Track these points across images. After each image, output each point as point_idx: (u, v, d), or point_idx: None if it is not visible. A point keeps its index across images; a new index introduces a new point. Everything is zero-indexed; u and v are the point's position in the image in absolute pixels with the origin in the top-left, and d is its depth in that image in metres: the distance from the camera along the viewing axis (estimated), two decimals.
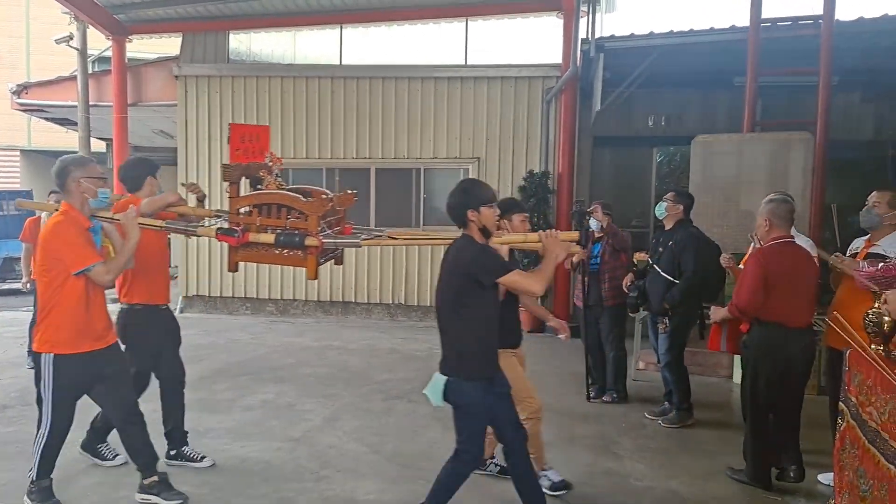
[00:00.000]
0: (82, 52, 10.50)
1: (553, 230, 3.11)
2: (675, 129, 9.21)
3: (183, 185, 3.79)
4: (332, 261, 3.73)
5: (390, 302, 9.30)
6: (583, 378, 5.53)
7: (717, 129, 8.50)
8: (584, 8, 8.21)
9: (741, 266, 4.50)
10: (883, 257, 3.26)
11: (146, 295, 3.87)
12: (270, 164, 3.56)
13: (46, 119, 12.58)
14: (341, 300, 9.41)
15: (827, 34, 6.65)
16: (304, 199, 3.30)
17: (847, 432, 2.98)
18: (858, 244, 3.75)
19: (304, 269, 3.32)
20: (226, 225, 3.42)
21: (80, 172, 3.24)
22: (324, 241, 3.23)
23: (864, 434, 2.74)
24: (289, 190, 3.52)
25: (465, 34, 9.19)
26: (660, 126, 9.30)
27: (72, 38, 10.50)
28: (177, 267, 10.66)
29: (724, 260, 4.42)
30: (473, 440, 3.05)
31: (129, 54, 10.35)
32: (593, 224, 5.36)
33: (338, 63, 9.53)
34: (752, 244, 4.57)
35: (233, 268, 3.48)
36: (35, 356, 3.40)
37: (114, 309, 3.62)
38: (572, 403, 5.36)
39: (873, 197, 3.62)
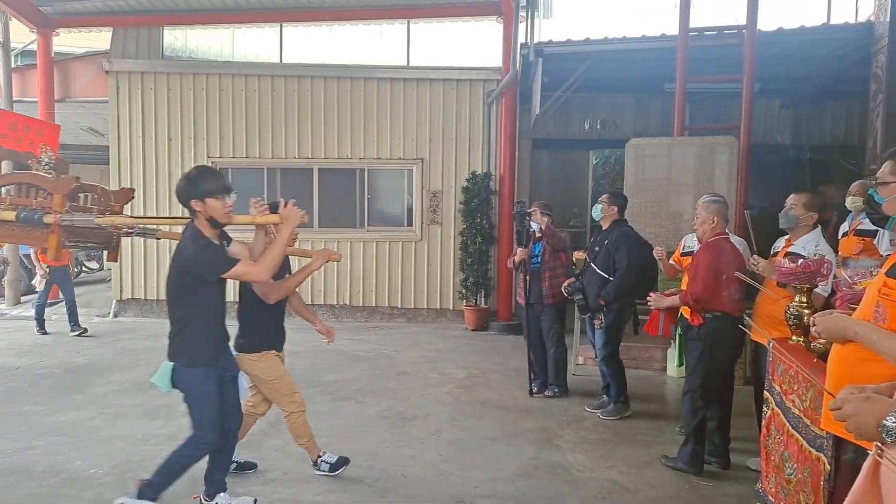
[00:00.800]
0: (5, 46, 9.94)
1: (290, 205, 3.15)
2: (610, 132, 9.54)
3: None
4: (106, 252, 3.90)
5: (335, 303, 9.24)
6: (525, 374, 5.67)
7: (649, 132, 8.87)
8: (522, 13, 8.38)
9: (672, 262, 4.73)
10: (802, 256, 3.50)
11: None
12: (44, 156, 3.63)
13: None
14: None
15: (750, 44, 7.05)
16: (48, 178, 3.43)
17: (772, 419, 3.20)
18: (780, 244, 4.02)
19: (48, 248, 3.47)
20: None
21: None
22: (61, 219, 3.30)
23: (788, 420, 2.94)
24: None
25: (406, 36, 9.24)
26: (595, 129, 9.61)
27: None
28: (110, 269, 10.27)
29: (656, 252, 4.63)
30: (205, 426, 3.13)
31: (55, 48, 9.87)
32: (533, 225, 5.50)
33: (278, 61, 9.39)
34: (683, 244, 4.82)
35: None
36: None
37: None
38: (515, 398, 5.49)
39: (790, 199, 3.85)
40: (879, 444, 1.44)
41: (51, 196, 3.35)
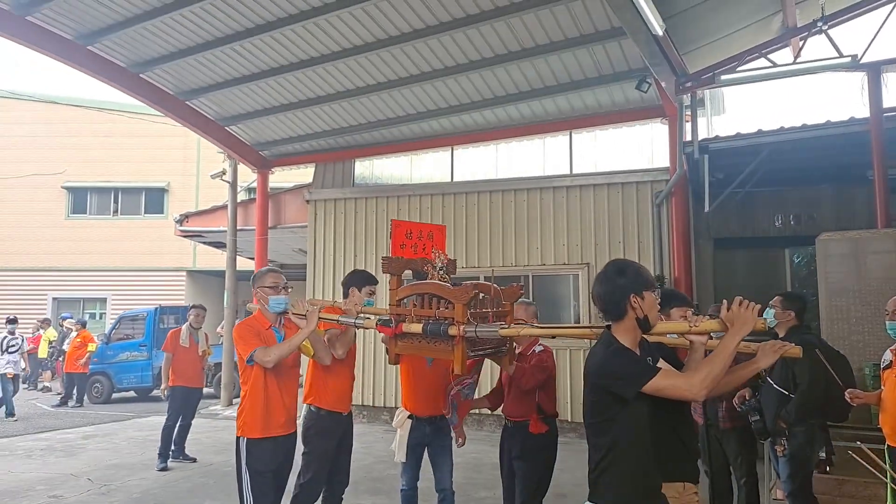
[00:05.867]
0: (233, 185, 12.03)
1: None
2: (806, 227, 8.54)
3: None
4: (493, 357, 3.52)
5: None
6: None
7: (856, 225, 7.76)
8: (688, 112, 8.10)
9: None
10: None
11: (331, 399, 4.07)
12: (437, 261, 3.52)
13: (204, 243, 14.33)
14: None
15: None
16: (450, 287, 3.23)
17: None
18: None
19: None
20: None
21: (259, 283, 3.72)
22: (465, 330, 3.02)
23: None
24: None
25: (569, 145, 9.39)
26: (789, 225, 8.68)
27: (224, 174, 12.11)
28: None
29: (849, 397, 3.90)
30: None
31: (270, 184, 11.68)
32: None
33: (449, 181, 10.06)
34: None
35: (392, 360, 3.55)
36: (236, 440, 3.63)
37: None
38: None
39: None
40: None
41: (452, 305, 3.13)
